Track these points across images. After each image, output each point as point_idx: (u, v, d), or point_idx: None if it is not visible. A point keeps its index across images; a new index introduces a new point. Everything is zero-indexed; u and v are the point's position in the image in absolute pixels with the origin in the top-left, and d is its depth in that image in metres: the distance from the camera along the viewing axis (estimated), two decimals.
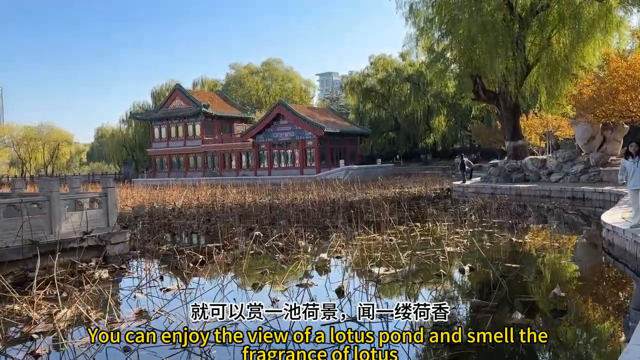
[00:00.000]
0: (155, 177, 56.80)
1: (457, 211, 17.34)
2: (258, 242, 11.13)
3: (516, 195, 23.78)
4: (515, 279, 7.89)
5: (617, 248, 9.88)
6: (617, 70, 19.86)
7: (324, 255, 9.62)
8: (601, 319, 6.30)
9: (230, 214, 18.61)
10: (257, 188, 34.04)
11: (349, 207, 19.64)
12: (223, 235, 12.61)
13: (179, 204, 23.14)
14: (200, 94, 59.48)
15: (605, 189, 19.29)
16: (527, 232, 12.71)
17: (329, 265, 9.19)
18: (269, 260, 10.07)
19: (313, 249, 10.81)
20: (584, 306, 6.87)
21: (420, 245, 11.02)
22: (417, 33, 31.56)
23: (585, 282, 8.47)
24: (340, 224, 13.32)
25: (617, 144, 24.50)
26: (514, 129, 27.82)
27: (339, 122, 52.58)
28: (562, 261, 9.86)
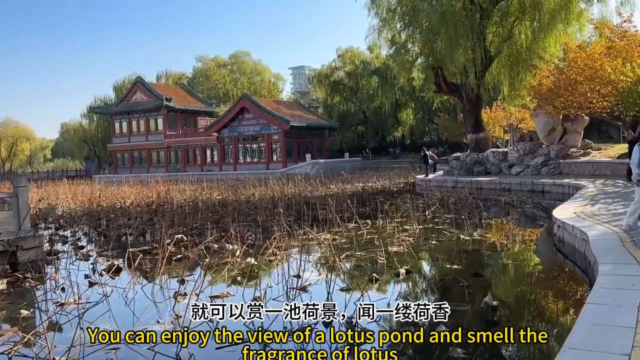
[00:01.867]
0: (117, 173, 55.01)
1: (413, 206, 16.72)
2: (190, 245, 10.20)
3: (477, 189, 23.38)
4: (453, 283, 7.20)
5: (567, 245, 9.32)
6: (576, 61, 19.52)
7: (252, 260, 8.77)
8: (536, 328, 5.62)
9: (176, 213, 17.61)
10: (217, 184, 32.99)
11: (304, 204, 18.84)
12: (155, 237, 11.63)
13: (128, 203, 21.99)
14: (163, 87, 57.78)
15: (564, 182, 18.97)
16: (479, 228, 12.08)
17: (255, 272, 8.34)
18: (193, 265, 9.18)
19: (249, 252, 9.95)
20: (518, 315, 6.21)
21: (365, 245, 10.30)
22: (380, 24, 30.87)
23: (527, 286, 7.84)
24: (285, 223, 12.51)
25: (578, 135, 24.31)
26: (475, 121, 27.43)
27: (306, 116, 51.68)
28: (509, 260, 9.23)
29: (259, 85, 76.79)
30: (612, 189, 14.99)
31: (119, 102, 56.61)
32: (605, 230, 8.19)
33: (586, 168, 21.16)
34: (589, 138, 27.00)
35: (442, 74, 26.70)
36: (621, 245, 6.92)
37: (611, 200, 12.01)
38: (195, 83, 75.05)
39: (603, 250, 6.69)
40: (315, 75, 61.73)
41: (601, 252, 6.60)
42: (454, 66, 25.23)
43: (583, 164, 21.67)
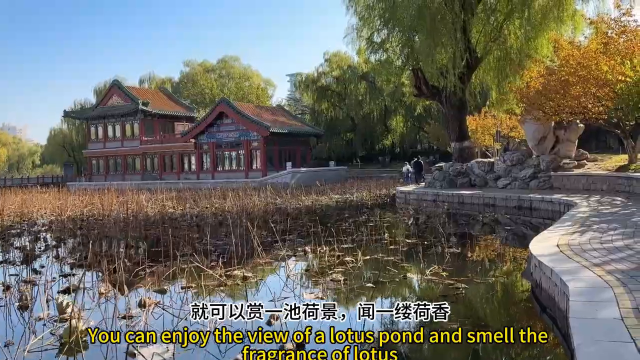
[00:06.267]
0: (92, 180, 52.47)
1: (374, 226, 14.19)
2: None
3: (458, 203, 20.88)
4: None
5: (545, 294, 6.79)
6: (568, 60, 17.08)
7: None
8: None
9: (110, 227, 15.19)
10: (182, 194, 30.55)
11: (251, 220, 16.33)
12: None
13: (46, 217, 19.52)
14: (141, 90, 55.36)
15: (554, 198, 16.49)
16: (437, 263, 9.33)
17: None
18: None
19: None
20: None
21: (274, 289, 7.77)
22: (360, 23, 28.56)
23: (489, 355, 5.28)
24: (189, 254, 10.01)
25: (572, 144, 21.84)
26: (459, 128, 24.93)
27: (289, 122, 49.22)
28: (464, 318, 6.60)
29: (247, 90, 74.43)
30: (609, 208, 12.50)
31: (94, 106, 54.16)
32: (595, 279, 5.66)
33: (580, 182, 18.67)
34: (586, 148, 24.52)
35: (422, 76, 24.23)
36: (618, 317, 4.34)
37: (606, 226, 9.48)
38: (182, 88, 72.69)
39: (585, 329, 4.12)
40: (303, 81, 59.38)
41: (582, 332, 4.05)
42: (434, 67, 22.77)
43: (576, 177, 19.18)
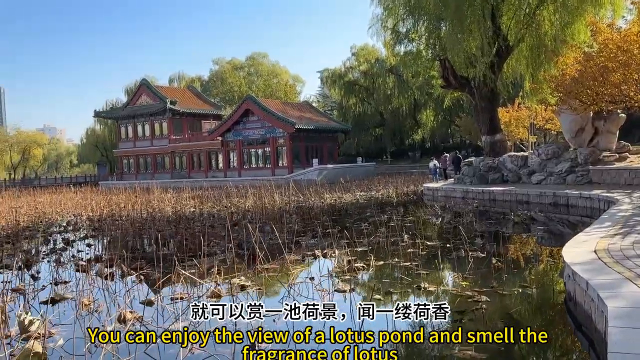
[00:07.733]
0: (123, 179, 53.10)
1: (397, 226, 13.32)
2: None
3: (489, 200, 19.73)
4: None
5: (580, 309, 5.86)
6: (607, 44, 15.72)
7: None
8: None
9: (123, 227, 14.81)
10: (207, 192, 30.31)
11: (268, 220, 15.69)
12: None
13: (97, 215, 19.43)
14: (170, 90, 55.63)
15: (593, 194, 15.22)
16: (457, 270, 8.43)
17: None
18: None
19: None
20: None
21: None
22: (385, 13, 27.56)
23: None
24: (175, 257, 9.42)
25: (612, 136, 20.33)
26: (490, 121, 23.63)
27: (315, 118, 48.48)
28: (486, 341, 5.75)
29: (275, 87, 74.16)
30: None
31: (124, 105, 54.78)
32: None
33: (621, 176, 17.27)
34: (629, 140, 22.88)
35: (450, 66, 23.04)
36: None
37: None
38: (211, 86, 73.02)
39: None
40: (329, 76, 58.48)
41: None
42: (462, 56, 21.55)
43: (617, 171, 17.76)
